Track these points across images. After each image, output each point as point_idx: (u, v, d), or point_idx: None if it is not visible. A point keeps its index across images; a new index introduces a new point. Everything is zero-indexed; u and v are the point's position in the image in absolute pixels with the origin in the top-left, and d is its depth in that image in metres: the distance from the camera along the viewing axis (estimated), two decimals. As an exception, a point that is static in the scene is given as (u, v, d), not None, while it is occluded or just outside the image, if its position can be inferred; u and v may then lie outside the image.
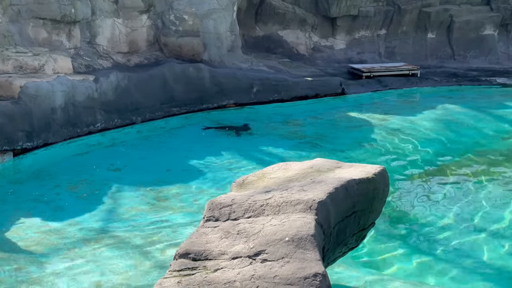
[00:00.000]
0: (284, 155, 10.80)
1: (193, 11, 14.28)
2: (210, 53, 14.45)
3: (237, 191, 5.37)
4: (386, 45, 18.65)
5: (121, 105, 12.24)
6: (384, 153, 11.19)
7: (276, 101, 14.48)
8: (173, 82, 13.28)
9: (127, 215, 8.38)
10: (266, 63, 15.97)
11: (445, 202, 8.88)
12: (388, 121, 13.15)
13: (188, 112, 13.36)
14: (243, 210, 4.83)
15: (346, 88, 15.49)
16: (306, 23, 17.93)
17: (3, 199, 8.75)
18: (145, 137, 12.00)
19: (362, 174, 5.44)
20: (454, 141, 11.85)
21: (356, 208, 5.31)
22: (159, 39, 14.30)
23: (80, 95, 11.47)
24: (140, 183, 9.49)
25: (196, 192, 9.21)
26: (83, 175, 9.77)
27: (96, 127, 11.76)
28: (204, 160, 10.57)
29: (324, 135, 12.19)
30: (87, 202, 8.78)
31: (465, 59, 18.83)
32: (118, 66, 13.15)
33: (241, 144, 11.59)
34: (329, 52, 18.11)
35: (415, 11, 18.54)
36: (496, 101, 14.95)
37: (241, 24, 16.49)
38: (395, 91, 15.87)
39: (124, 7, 13.61)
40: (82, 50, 12.77)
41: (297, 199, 4.85)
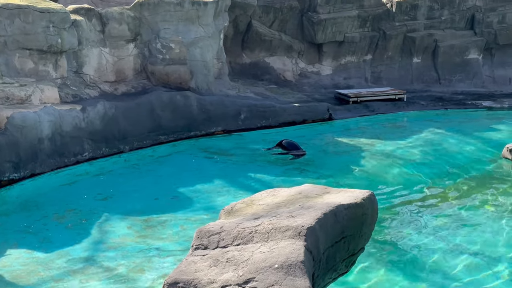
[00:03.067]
0: (273, 181, 10.79)
1: (180, 39, 14.34)
2: (197, 81, 14.49)
3: (226, 219, 5.35)
4: (372, 70, 18.78)
5: (109, 134, 12.21)
6: (372, 177, 11.20)
7: (264, 127, 14.50)
8: (160, 110, 13.28)
9: (115, 245, 8.32)
10: (254, 89, 16.03)
11: (434, 226, 8.88)
12: (375, 145, 13.20)
13: (176, 140, 13.34)
14: (232, 238, 4.80)
15: (333, 113, 15.55)
16: (293, 50, 18.05)
17: (-11, 230, 8.67)
18: (133, 165, 11.96)
19: (350, 199, 5.44)
20: (441, 165, 11.89)
21: (345, 234, 5.30)
22: (146, 68, 14.33)
23: (67, 124, 11.45)
24: (128, 212, 9.43)
25: (185, 220, 9.16)
26: (71, 205, 9.70)
27: (84, 157, 11.72)
28: (192, 188, 10.53)
29: (312, 161, 12.20)
30: (74, 232, 8.71)
31: (451, 83, 18.99)
32: (105, 95, 13.15)
33: (229, 171, 11.57)
34: (316, 78, 18.21)
35: (400, 36, 18.72)
36: (483, 124, 15.05)
37: (228, 52, 16.57)
38: (382, 116, 15.94)
39: (110, 36, 13.65)
40: (69, 80, 12.76)
41: (286, 225, 4.83)
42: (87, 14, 13.27)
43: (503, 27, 19.49)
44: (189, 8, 14.55)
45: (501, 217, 9.18)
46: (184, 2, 14.58)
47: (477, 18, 19.35)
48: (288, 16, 17.87)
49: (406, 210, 9.59)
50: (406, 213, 9.45)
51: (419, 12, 18.89)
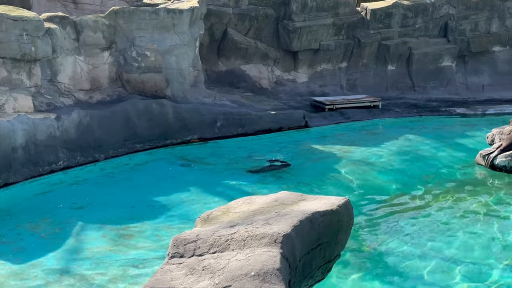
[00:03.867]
0: (249, 189, 10.79)
1: (155, 48, 14.31)
2: (173, 89, 14.46)
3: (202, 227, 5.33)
4: (347, 78, 18.90)
5: (84, 142, 12.12)
6: (348, 184, 11.26)
7: (240, 135, 14.51)
8: (136, 118, 13.23)
9: (91, 254, 8.25)
10: (229, 97, 16.04)
11: (409, 232, 8.94)
12: (351, 152, 13.27)
13: (152, 148, 13.29)
14: (208, 246, 4.79)
15: (309, 120, 15.61)
16: (268, 58, 18.10)
17: (-38, 241, 8.55)
18: (109, 174, 11.88)
19: (326, 206, 5.46)
20: (416, 171, 11.99)
21: (321, 241, 5.32)
22: (121, 76, 14.27)
23: (42, 133, 11.34)
24: (104, 220, 9.36)
25: (161, 228, 9.12)
26: (45, 215, 9.61)
27: (58, 166, 11.61)
28: (168, 196, 10.49)
29: (288, 168, 12.22)
30: (49, 242, 8.62)
31: (425, 90, 19.18)
32: (80, 104, 13.06)
33: (205, 179, 11.55)
34: (292, 86, 18.27)
35: (375, 44, 18.88)
36: (456, 130, 15.21)
37: (204, 59, 16.57)
38: (358, 123, 16.04)
39: (85, 44, 13.57)
40: (43, 89, 12.66)
41: (262, 233, 4.83)
42: (61, 22, 13.18)
43: (476, 35, 19.75)
44: (165, 16, 14.54)
45: (475, 222, 9.28)
46: (159, 10, 14.56)
47: (450, 26, 19.59)
48: (263, 24, 17.93)
49: (381, 216, 9.65)
50: (381, 219, 9.51)
51: (393, 20, 19.07)
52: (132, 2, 16.55)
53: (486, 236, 8.75)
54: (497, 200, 10.32)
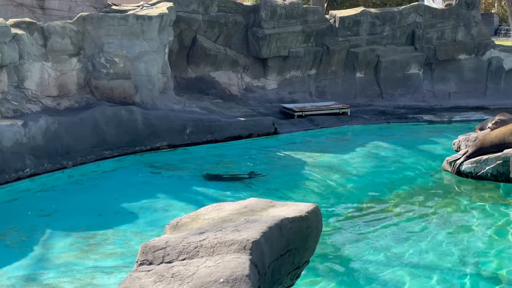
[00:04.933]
0: (218, 196, 10.79)
1: (124, 54, 14.24)
2: (142, 95, 14.41)
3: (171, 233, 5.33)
4: (316, 85, 19.03)
5: (51, 149, 12.01)
6: (317, 191, 11.32)
7: (210, 141, 14.50)
8: (104, 125, 13.14)
9: (58, 262, 8.16)
10: (199, 104, 16.02)
11: (375, 238, 9.02)
12: (320, 159, 13.35)
13: (121, 154, 13.20)
14: (177, 253, 4.79)
15: (279, 127, 15.67)
16: (238, 64, 18.14)
17: None
18: (77, 181, 11.78)
19: (295, 212, 5.50)
20: (384, 177, 12.11)
21: (290, 247, 5.35)
22: (89, 82, 14.17)
23: (8, 140, 11.21)
24: (71, 228, 9.28)
25: (129, 236, 9.07)
26: (11, 223, 9.48)
27: (25, 173, 11.48)
28: (137, 203, 10.44)
29: (258, 175, 12.24)
30: (15, 250, 8.51)
31: (393, 97, 19.39)
32: (48, 110, 12.93)
33: (175, 186, 11.52)
34: (261, 92, 18.34)
35: (343, 51, 19.05)
36: (423, 137, 15.40)
37: (173, 66, 16.54)
38: (327, 130, 16.15)
39: (53, 50, 13.45)
40: (9, 95, 12.51)
41: (231, 239, 4.84)
42: (29, 28, 13.06)
43: (442, 43, 20.05)
44: (134, 22, 14.49)
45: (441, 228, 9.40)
46: (128, 17, 14.51)
47: (417, 34, 19.86)
48: (233, 31, 17.97)
49: (349, 222, 9.73)
50: (349, 225, 9.58)
51: (362, 28, 19.27)
52: (101, 9, 16.46)
53: (452, 243, 8.87)
54: (464, 206, 10.47)
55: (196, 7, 17.29)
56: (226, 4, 17.90)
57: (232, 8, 17.99)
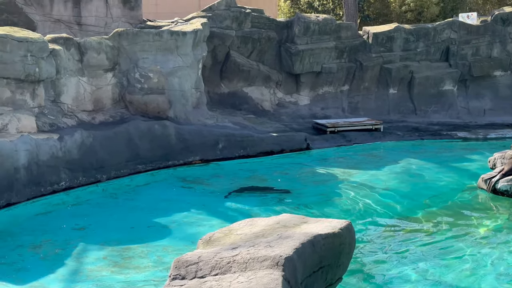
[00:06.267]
0: (251, 211, 10.78)
1: (158, 69, 14.40)
2: (175, 110, 14.52)
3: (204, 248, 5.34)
4: (349, 101, 18.98)
5: (86, 163, 12.14)
6: (349, 207, 11.25)
7: (242, 157, 14.52)
8: (138, 140, 13.26)
9: (92, 275, 8.22)
10: (232, 119, 16.09)
11: (410, 257, 8.91)
12: (353, 175, 13.28)
13: (154, 169, 13.30)
14: (210, 268, 4.80)
15: (311, 143, 15.64)
16: (271, 80, 18.19)
17: (-37, 261, 8.54)
18: (110, 195, 11.89)
19: (328, 229, 5.48)
20: (418, 195, 11.98)
21: (323, 264, 5.32)
22: (124, 97, 14.34)
23: (44, 154, 11.37)
24: (105, 241, 9.35)
25: (162, 250, 9.10)
26: (47, 235, 9.60)
27: (60, 186, 11.62)
28: (170, 217, 10.49)
29: (290, 190, 12.22)
30: (50, 262, 8.60)
31: (426, 113, 19.23)
32: (83, 124, 13.11)
33: (207, 201, 11.55)
34: (294, 108, 18.34)
35: (377, 67, 18.98)
36: (458, 154, 15.22)
37: (207, 81, 16.65)
38: (359, 146, 16.07)
39: (89, 65, 13.66)
40: (46, 109, 12.71)
41: (264, 255, 4.84)
42: (66, 44, 13.29)
43: (477, 59, 19.86)
44: (168, 38, 14.65)
45: (476, 247, 9.25)
46: (162, 32, 14.68)
47: (451, 50, 19.70)
48: (266, 46, 18.04)
49: (383, 240, 9.63)
50: (383, 243, 9.49)
51: (395, 44, 19.19)
52: (136, 24, 16.69)
53: (487, 261, 8.72)
54: (499, 224, 10.30)
55: (230, 23, 17.41)
56: (259, 20, 17.99)
57: (265, 24, 18.07)
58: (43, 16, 16.05)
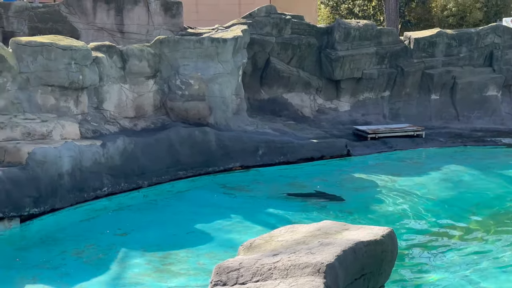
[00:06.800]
0: (291, 218, 10.75)
1: (199, 76, 14.49)
2: (216, 117, 14.59)
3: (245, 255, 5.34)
4: (390, 107, 18.81)
5: (128, 169, 12.27)
6: (391, 214, 11.13)
7: (282, 163, 14.50)
8: (179, 146, 13.35)
9: (134, 280, 8.30)
10: (272, 125, 16.09)
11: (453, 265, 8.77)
12: (394, 182, 13.14)
13: (195, 175, 13.37)
14: (251, 274, 4.79)
15: (352, 149, 15.54)
16: (311, 86, 18.15)
17: (9, 265, 8.70)
18: (152, 201, 11.99)
19: (370, 236, 5.42)
20: (461, 202, 11.80)
21: (365, 271, 5.27)
22: (165, 104, 14.47)
23: (87, 160, 11.53)
24: (146, 247, 9.43)
25: (203, 256, 9.14)
26: (90, 240, 9.73)
27: (103, 192, 11.76)
28: (211, 223, 10.53)
29: (331, 197, 12.16)
30: (93, 267, 8.71)
31: (469, 119, 18.93)
32: (125, 131, 13.26)
33: (248, 207, 11.57)
34: (334, 114, 18.25)
35: (418, 73, 18.77)
36: (502, 161, 14.95)
37: (247, 88, 16.70)
38: (401, 152, 15.90)
39: (131, 72, 13.83)
40: (89, 116, 12.91)
41: (305, 262, 4.81)
42: (108, 51, 13.48)
43: (522, 64, 19.49)
44: (209, 45, 14.74)
45: (522, 256, 9.06)
46: (203, 39, 14.78)
47: (495, 55, 19.37)
48: (306, 53, 18.02)
49: (425, 247, 9.50)
50: (425, 251, 9.36)
51: (437, 49, 18.96)
52: (177, 32, 16.84)
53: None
54: (546, 232, 10.08)
55: (270, 29, 17.44)
56: (299, 26, 17.98)
57: (305, 30, 18.05)
58: (87, 24, 16.33)
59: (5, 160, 10.70)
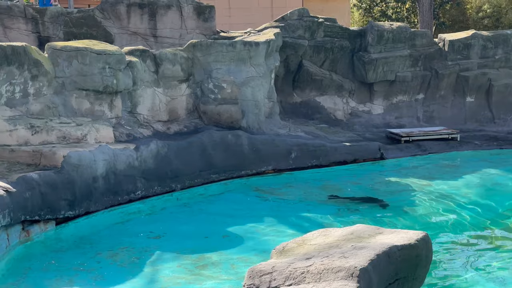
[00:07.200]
0: (324, 221, 10.71)
1: (232, 79, 14.53)
2: (248, 120, 14.61)
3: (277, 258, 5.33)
4: (424, 110, 18.62)
5: (161, 172, 12.35)
6: (425, 218, 11.01)
7: (315, 166, 14.46)
8: (211, 149, 13.39)
9: (167, 283, 8.35)
10: (304, 128, 16.06)
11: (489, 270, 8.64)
12: (428, 186, 13.00)
13: (227, 178, 13.39)
14: (284, 278, 4.78)
15: (385, 152, 15.43)
16: (343, 89, 18.07)
17: (45, 268, 8.82)
18: (185, 204, 12.05)
19: (404, 240, 5.37)
20: (497, 206, 11.62)
21: (398, 276, 5.22)
22: (198, 107, 14.54)
23: (121, 163, 11.63)
24: (179, 250, 9.48)
25: (235, 259, 9.15)
26: (124, 243, 9.81)
27: (137, 195, 11.86)
28: (243, 227, 10.54)
29: (364, 201, 12.08)
30: (127, 270, 8.78)
31: (506, 122, 18.62)
32: (158, 135, 13.36)
33: (280, 210, 11.55)
34: (367, 117, 18.14)
35: (453, 75, 18.55)
36: (539, 165, 14.69)
37: (279, 91, 16.69)
38: (435, 156, 15.73)
39: (164, 76, 13.93)
40: (123, 120, 13.04)
41: (338, 266, 4.79)
42: (142, 56, 13.60)
43: (560, 65, 19.11)
44: (241, 48, 14.78)
45: (561, 261, 8.89)
46: (236, 43, 14.82)
47: (532, 57, 19.04)
48: (339, 55, 17.95)
49: (461, 252, 9.38)
50: (460, 255, 9.24)
51: (472, 51, 18.71)
52: (210, 35, 16.92)
53: None
54: None
55: (303, 32, 17.41)
56: (332, 29, 17.92)
57: (338, 33, 17.98)
58: (121, 29, 16.51)
59: (41, 163, 10.85)
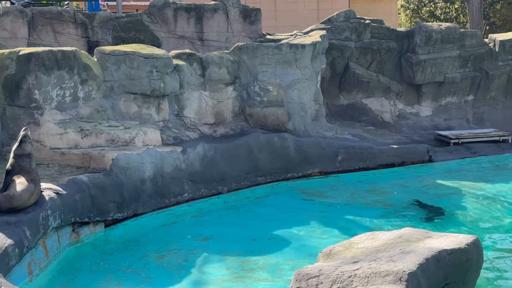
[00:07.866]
0: (371, 225, 10.60)
1: (278, 82, 14.53)
2: (294, 123, 14.57)
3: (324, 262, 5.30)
4: (474, 111, 18.27)
5: (208, 175, 12.41)
6: (476, 222, 10.80)
7: (361, 169, 14.33)
8: (258, 152, 13.39)
9: (214, 286, 8.38)
10: (351, 131, 15.93)
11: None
12: (479, 189, 12.75)
13: (273, 181, 13.38)
14: (331, 281, 4.75)
15: (434, 155, 15.19)
16: (391, 91, 17.87)
17: (95, 269, 8.95)
18: (231, 206, 12.08)
19: (453, 244, 5.28)
20: (551, 209, 11.33)
21: (448, 280, 5.13)
22: (244, 110, 14.58)
23: (168, 166, 11.73)
24: (226, 252, 9.51)
25: (282, 262, 9.13)
26: (171, 245, 9.89)
27: (184, 198, 11.94)
28: (289, 229, 10.51)
29: (412, 204, 11.92)
30: (174, 272, 8.85)
31: (559, 124, 18.14)
32: (205, 137, 13.43)
33: (327, 213, 11.49)
34: (415, 119, 17.89)
35: (504, 76, 18.16)
36: None
37: (325, 93, 16.60)
38: (485, 158, 15.42)
39: (210, 80, 14.01)
40: (170, 123, 13.16)
41: (386, 270, 4.73)
42: (189, 59, 13.71)
43: None
44: (287, 51, 14.76)
45: None
46: (282, 46, 14.81)
47: None
48: (386, 57, 17.76)
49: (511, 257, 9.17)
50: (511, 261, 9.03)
51: (524, 51, 18.28)
52: (256, 38, 16.95)
53: None
54: None
55: (349, 34, 17.29)
56: (379, 31, 17.74)
57: (385, 34, 17.80)
58: (168, 33, 16.67)
59: (90, 166, 11.03)
